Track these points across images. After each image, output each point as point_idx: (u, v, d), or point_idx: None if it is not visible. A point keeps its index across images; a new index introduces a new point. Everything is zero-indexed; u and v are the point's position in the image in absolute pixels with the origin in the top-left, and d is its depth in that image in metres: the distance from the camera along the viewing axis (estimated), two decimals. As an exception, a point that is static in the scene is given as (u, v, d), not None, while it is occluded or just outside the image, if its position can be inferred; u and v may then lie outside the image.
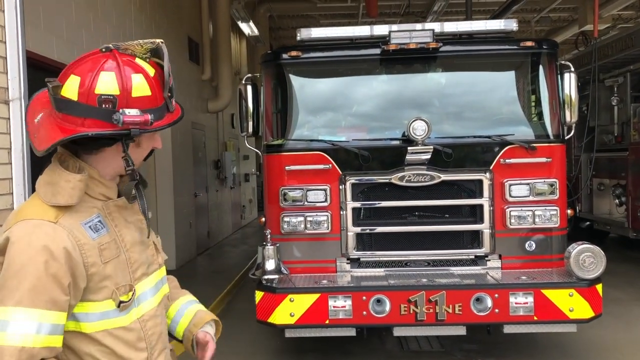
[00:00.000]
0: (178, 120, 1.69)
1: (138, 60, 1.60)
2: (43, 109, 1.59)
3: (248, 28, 14.55)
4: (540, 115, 5.34)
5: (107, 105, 1.52)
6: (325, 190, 5.12)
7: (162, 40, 1.65)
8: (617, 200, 9.65)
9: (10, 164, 3.24)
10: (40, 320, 1.48)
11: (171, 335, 1.99)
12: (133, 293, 1.65)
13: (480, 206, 5.09)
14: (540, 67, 5.32)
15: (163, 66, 1.63)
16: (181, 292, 2.09)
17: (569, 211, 5.22)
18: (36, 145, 1.57)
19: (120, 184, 1.74)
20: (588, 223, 10.62)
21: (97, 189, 1.64)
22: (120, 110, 1.52)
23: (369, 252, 5.20)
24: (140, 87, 1.56)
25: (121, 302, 1.62)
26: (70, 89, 1.52)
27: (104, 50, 1.57)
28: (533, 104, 5.48)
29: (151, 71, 1.60)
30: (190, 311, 2.01)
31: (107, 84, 1.52)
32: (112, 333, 1.62)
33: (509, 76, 5.61)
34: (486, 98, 5.50)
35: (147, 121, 1.55)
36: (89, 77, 1.52)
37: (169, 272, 2.07)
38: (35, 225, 1.53)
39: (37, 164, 1.69)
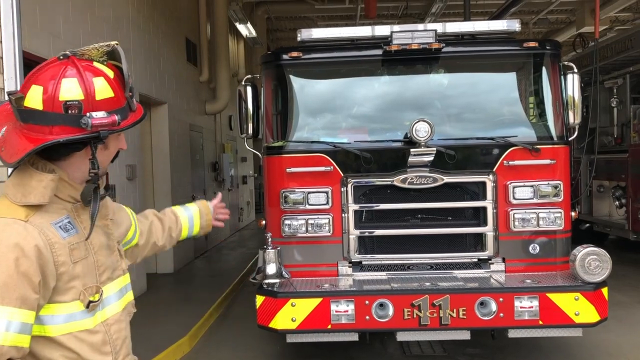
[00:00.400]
0: (142, 119, 1.75)
1: (96, 64, 1.64)
2: (7, 122, 1.63)
3: (246, 29, 14.49)
4: (543, 116, 5.28)
5: (73, 111, 1.56)
6: (326, 192, 5.04)
7: (117, 42, 1.70)
8: (617, 202, 9.60)
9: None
10: (9, 318, 1.49)
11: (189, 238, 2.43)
12: (101, 294, 1.69)
13: (484, 208, 5.03)
14: (544, 68, 5.26)
15: (121, 67, 1.68)
16: (169, 210, 2.35)
17: (572, 213, 5.16)
18: (6, 158, 1.60)
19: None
20: (588, 225, 10.58)
21: (66, 191, 1.67)
22: (88, 114, 1.56)
23: (370, 256, 5.13)
24: (103, 89, 1.61)
25: (90, 302, 1.66)
26: (34, 98, 1.56)
27: (61, 57, 1.61)
28: (536, 105, 5.42)
29: (110, 73, 1.65)
30: (195, 212, 2.41)
31: (70, 90, 1.56)
32: (77, 336, 1.64)
33: (512, 77, 5.55)
34: (489, 99, 5.44)
35: (114, 122, 1.60)
36: (52, 85, 1.55)
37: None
38: (6, 223, 1.55)
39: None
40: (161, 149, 9.74)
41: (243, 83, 5.44)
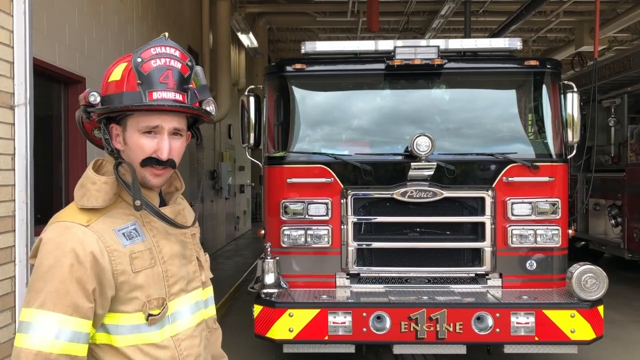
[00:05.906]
0: (131, 107, 1.55)
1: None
2: None
3: (247, 40, 14.57)
4: (543, 134, 5.34)
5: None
6: (326, 203, 5.08)
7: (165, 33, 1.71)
8: (612, 221, 9.66)
9: (14, 170, 3.17)
10: (60, 326, 1.44)
11: None
12: (164, 308, 1.58)
13: (482, 224, 5.06)
14: (544, 86, 5.33)
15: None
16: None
17: (570, 231, 5.21)
18: None
19: (168, 194, 1.74)
20: (583, 243, 10.63)
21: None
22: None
23: (368, 268, 5.15)
24: (114, 73, 1.60)
25: (150, 315, 1.55)
26: None
27: None
28: (535, 122, 5.48)
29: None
30: None
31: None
32: (142, 349, 1.55)
33: (513, 94, 5.62)
34: (489, 115, 5.50)
35: (85, 96, 1.55)
36: None
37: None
38: (67, 227, 1.51)
39: (40, 172, 1.69)
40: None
41: (246, 93, 5.48)
